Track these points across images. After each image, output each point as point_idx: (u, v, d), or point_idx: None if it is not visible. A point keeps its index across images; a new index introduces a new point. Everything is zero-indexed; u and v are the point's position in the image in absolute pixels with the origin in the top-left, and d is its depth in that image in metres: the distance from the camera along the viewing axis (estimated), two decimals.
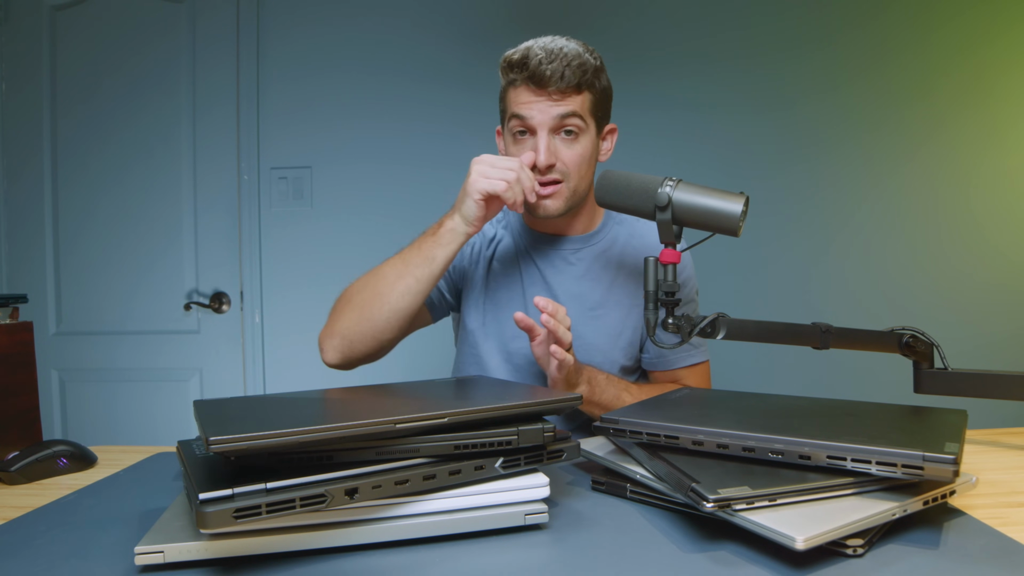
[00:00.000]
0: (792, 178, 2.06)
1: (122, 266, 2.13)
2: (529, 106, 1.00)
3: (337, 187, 2.11)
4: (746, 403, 0.78)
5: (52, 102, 2.14)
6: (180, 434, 1.96)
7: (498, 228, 1.18)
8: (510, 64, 1.01)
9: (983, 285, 2.03)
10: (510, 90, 1.04)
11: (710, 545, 0.55)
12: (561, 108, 1.00)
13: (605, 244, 1.15)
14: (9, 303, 0.98)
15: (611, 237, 1.15)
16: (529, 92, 1.00)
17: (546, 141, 1.00)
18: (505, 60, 1.03)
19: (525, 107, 1.01)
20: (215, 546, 0.51)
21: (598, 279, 1.13)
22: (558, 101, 1.00)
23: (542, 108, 1.00)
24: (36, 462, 0.82)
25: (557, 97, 1.00)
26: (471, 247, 1.16)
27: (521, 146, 1.03)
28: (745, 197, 0.79)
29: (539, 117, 1.00)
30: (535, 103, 1.00)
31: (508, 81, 1.04)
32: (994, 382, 0.89)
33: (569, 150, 1.03)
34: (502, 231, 1.17)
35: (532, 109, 1.00)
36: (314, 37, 2.11)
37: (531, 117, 1.00)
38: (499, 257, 1.15)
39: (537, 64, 0.98)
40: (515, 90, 1.02)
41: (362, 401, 0.67)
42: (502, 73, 1.04)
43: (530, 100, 1.00)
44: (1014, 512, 0.63)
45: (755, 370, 1.99)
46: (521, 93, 1.01)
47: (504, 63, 1.03)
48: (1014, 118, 2.03)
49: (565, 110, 1.00)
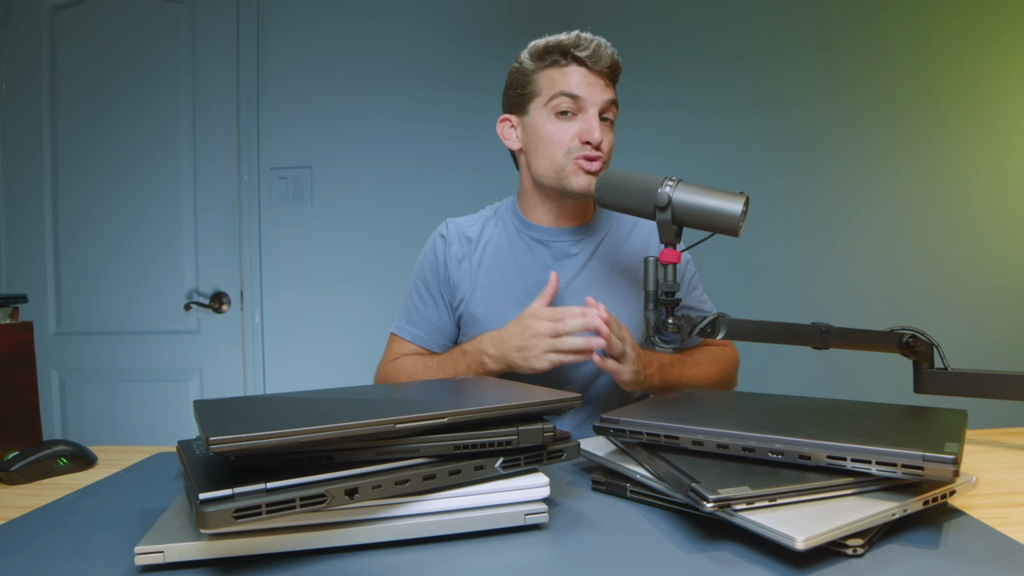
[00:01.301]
0: (792, 178, 2.06)
1: (122, 266, 2.13)
2: (584, 85, 1.03)
3: (337, 187, 2.11)
4: (746, 403, 0.78)
5: (52, 102, 2.14)
6: (180, 434, 1.96)
7: (487, 226, 1.17)
8: (560, 45, 1.03)
9: (983, 285, 2.03)
10: (552, 71, 1.05)
11: (710, 545, 0.55)
12: (609, 93, 1.05)
13: (604, 232, 1.15)
14: (9, 303, 0.98)
15: (608, 225, 1.16)
16: (583, 72, 1.03)
17: (598, 120, 1.03)
18: (548, 43, 1.05)
19: (580, 86, 1.03)
20: (215, 546, 0.51)
21: (600, 267, 1.13)
22: (606, 86, 1.05)
23: (597, 89, 1.03)
24: (36, 462, 0.82)
25: (606, 83, 1.05)
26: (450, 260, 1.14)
27: (563, 126, 1.05)
28: (745, 197, 0.79)
29: (594, 96, 1.03)
30: (590, 83, 1.03)
31: (550, 62, 1.05)
32: (994, 382, 0.89)
33: (608, 136, 1.06)
34: (492, 228, 1.16)
35: (588, 88, 1.03)
36: (314, 37, 2.11)
37: (586, 96, 1.03)
38: (494, 254, 1.14)
39: (596, 47, 1.02)
40: (561, 70, 1.04)
41: (362, 401, 0.67)
42: (539, 56, 1.06)
43: (585, 79, 1.03)
44: (1014, 512, 0.62)
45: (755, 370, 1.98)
46: (572, 73, 1.04)
47: (547, 45, 1.05)
48: (1014, 118, 2.03)
49: (611, 96, 1.05)
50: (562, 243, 1.13)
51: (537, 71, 1.06)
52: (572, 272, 1.12)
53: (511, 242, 1.14)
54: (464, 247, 1.14)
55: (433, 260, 1.15)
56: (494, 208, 1.20)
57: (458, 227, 1.17)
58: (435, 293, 1.15)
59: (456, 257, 1.14)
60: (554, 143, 1.05)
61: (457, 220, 1.19)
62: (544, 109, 1.06)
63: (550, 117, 1.05)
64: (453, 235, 1.16)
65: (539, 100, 1.06)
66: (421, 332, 1.16)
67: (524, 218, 1.15)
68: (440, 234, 1.17)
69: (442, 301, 1.15)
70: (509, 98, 1.12)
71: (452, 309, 1.15)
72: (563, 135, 1.04)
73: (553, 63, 1.05)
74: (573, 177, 1.05)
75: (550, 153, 1.05)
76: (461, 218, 1.19)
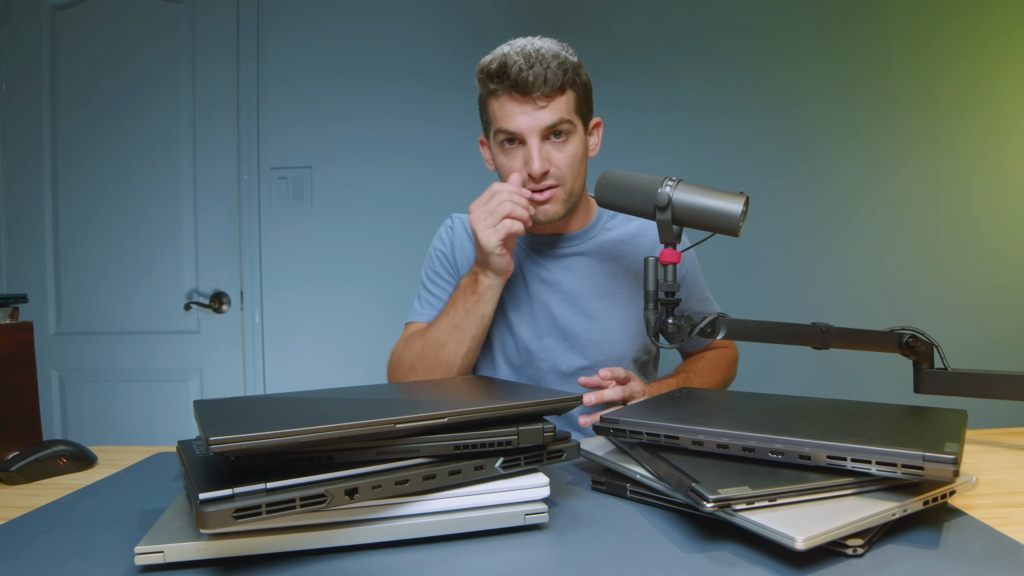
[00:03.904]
0: (792, 178, 2.05)
1: (122, 266, 2.13)
2: (515, 118, 0.97)
3: (337, 187, 2.11)
4: (746, 403, 0.78)
5: (52, 102, 2.14)
6: (180, 434, 1.96)
7: None
8: (488, 74, 0.97)
9: (983, 285, 2.03)
10: (491, 101, 1.00)
11: (710, 545, 0.55)
12: (548, 114, 0.97)
13: (603, 237, 1.15)
14: (9, 303, 0.98)
15: (607, 229, 1.15)
16: (513, 102, 0.97)
17: (537, 148, 0.98)
18: (482, 70, 0.99)
19: (511, 119, 0.97)
20: (215, 546, 0.51)
21: (600, 273, 1.12)
22: (544, 107, 0.97)
23: (529, 117, 0.97)
24: (36, 462, 0.82)
25: (543, 103, 0.96)
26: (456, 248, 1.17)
27: (511, 156, 1.01)
28: (745, 197, 0.79)
29: (527, 127, 0.97)
30: (520, 114, 0.97)
31: (488, 92, 1.00)
32: (994, 382, 0.89)
33: (561, 153, 1.00)
34: None
35: (519, 120, 0.97)
36: (314, 37, 2.11)
37: (519, 128, 0.97)
38: None
39: (518, 72, 0.94)
40: (497, 101, 0.99)
41: (362, 401, 0.67)
42: (480, 84, 1.01)
43: (515, 111, 0.97)
44: (1014, 512, 0.62)
45: (755, 370, 1.98)
46: (504, 104, 0.98)
47: (481, 73, 0.99)
48: (1014, 118, 2.03)
49: (553, 117, 0.97)
50: (559, 248, 1.13)
51: (484, 99, 1.02)
52: (571, 276, 1.12)
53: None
54: (469, 241, 1.16)
55: (441, 248, 1.18)
56: None
57: (463, 222, 1.19)
58: (446, 276, 1.17)
59: (462, 247, 1.16)
60: (505, 174, 1.02)
61: (462, 216, 1.20)
62: (494, 140, 1.03)
63: (500, 148, 1.02)
64: (459, 227, 1.19)
65: (491, 129, 1.03)
66: (434, 311, 1.15)
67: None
68: (447, 226, 1.20)
69: (454, 282, 1.16)
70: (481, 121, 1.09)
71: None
72: (511, 167, 1.01)
73: (491, 92, 0.99)
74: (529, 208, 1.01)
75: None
76: (466, 215, 1.20)
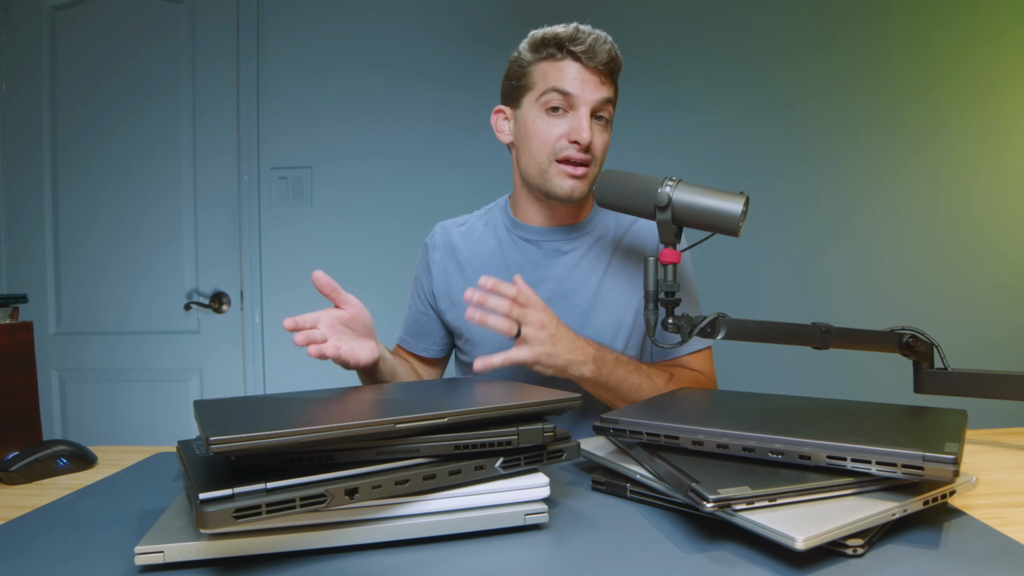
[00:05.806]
0: (792, 178, 2.06)
1: (122, 266, 2.13)
2: (577, 82, 0.98)
3: (337, 187, 2.11)
4: (746, 403, 0.78)
5: (52, 102, 2.14)
6: (180, 434, 1.96)
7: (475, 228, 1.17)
8: (556, 38, 0.99)
9: (983, 285, 2.03)
10: (544, 64, 1.01)
11: (710, 545, 0.55)
12: (604, 91, 1.00)
13: (599, 232, 1.12)
14: (9, 303, 0.98)
15: (603, 224, 1.13)
16: (577, 66, 0.99)
17: (588, 118, 0.99)
18: (545, 34, 1.00)
19: (574, 82, 0.99)
20: (215, 546, 0.51)
21: (594, 267, 1.10)
22: (602, 84, 1.00)
23: (591, 86, 0.99)
24: (36, 462, 0.82)
25: (602, 79, 1.00)
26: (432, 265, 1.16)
27: (554, 122, 1.01)
28: (745, 197, 0.79)
29: (586, 94, 0.99)
30: (583, 80, 0.99)
31: (545, 55, 1.01)
32: (994, 382, 0.89)
33: (600, 136, 1.02)
34: (482, 229, 1.16)
35: (580, 84, 0.98)
36: (314, 37, 2.11)
37: (579, 93, 0.99)
38: (484, 257, 1.13)
39: (593, 41, 0.97)
40: (555, 64, 1.00)
41: (362, 401, 0.67)
42: (535, 47, 1.02)
43: (577, 76, 0.99)
44: (1014, 512, 0.62)
45: (755, 370, 1.99)
46: (566, 67, 0.99)
47: (544, 37, 1.00)
48: (1014, 118, 2.03)
49: (606, 94, 1.00)
50: (553, 242, 1.11)
51: (533, 63, 1.03)
52: (564, 271, 1.09)
53: (501, 243, 1.13)
54: (448, 254, 1.15)
55: (418, 270, 1.19)
56: (486, 208, 1.20)
57: (445, 232, 1.18)
58: (419, 303, 1.19)
59: (439, 263, 1.15)
60: (541, 140, 1.01)
61: (445, 224, 1.19)
62: (536, 104, 1.02)
63: (540, 113, 1.02)
64: (439, 241, 1.17)
65: (532, 94, 1.03)
66: (404, 333, 1.20)
67: (514, 218, 1.13)
68: (425, 243, 1.19)
69: (425, 305, 1.17)
70: (505, 89, 1.09)
71: (438, 314, 1.16)
72: (551, 133, 1.00)
73: (548, 56, 1.01)
74: (556, 180, 1.01)
75: (536, 151, 1.02)
76: (450, 221, 1.20)
